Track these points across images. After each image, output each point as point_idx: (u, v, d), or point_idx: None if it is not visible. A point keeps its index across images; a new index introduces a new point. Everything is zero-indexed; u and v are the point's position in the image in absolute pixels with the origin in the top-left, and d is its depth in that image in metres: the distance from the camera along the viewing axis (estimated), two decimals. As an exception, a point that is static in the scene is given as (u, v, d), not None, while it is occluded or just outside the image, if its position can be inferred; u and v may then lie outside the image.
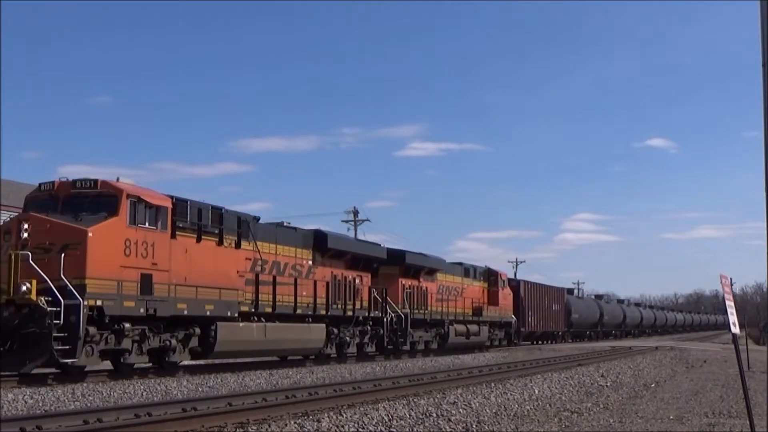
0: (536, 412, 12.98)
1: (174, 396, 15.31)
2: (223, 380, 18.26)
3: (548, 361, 28.58)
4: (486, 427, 11.08)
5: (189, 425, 10.38)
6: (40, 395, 13.98)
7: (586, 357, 31.85)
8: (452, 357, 32.41)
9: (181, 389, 16.39)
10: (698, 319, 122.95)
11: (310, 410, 12.21)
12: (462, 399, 13.63)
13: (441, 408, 12.35)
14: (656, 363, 27.38)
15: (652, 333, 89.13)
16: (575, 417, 12.33)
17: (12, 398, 13.41)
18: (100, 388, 15.52)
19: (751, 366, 22.92)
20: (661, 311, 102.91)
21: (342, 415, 11.27)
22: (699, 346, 47.40)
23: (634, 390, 17.16)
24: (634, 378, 20.55)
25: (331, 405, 12.88)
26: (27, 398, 13.60)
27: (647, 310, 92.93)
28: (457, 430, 10.77)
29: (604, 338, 67.16)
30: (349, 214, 58.13)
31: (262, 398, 13.69)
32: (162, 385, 16.69)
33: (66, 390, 14.91)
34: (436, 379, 19.11)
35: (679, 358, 31.55)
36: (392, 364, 25.89)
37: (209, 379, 18.40)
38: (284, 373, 20.87)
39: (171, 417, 10.97)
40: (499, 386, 16.32)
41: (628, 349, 40.93)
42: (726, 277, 9.44)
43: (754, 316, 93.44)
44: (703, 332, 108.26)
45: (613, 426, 11.30)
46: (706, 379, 20.52)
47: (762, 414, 11.02)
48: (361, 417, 11.11)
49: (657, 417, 12.28)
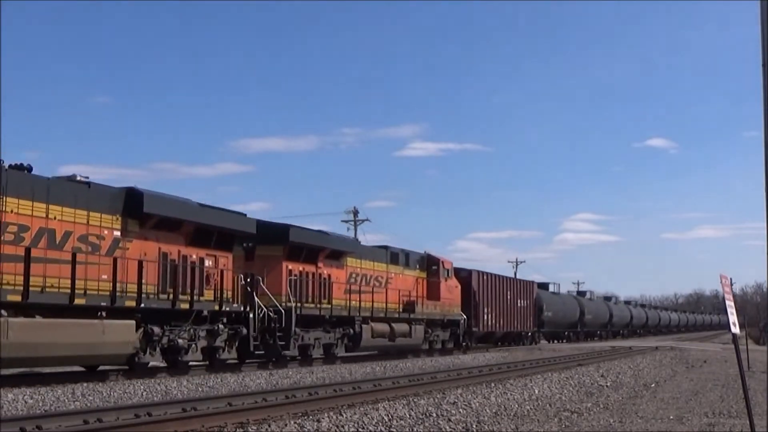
0: (536, 412, 12.98)
1: (174, 396, 15.31)
2: (223, 380, 18.27)
3: (548, 361, 28.59)
4: (486, 427, 11.08)
5: (189, 425, 10.39)
6: (40, 395, 13.99)
7: (586, 357, 31.85)
8: (452, 357, 32.29)
9: (181, 389, 16.41)
10: (697, 319, 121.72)
11: (310, 410, 12.21)
12: (462, 399, 13.63)
13: (441, 408, 12.35)
14: (656, 363, 27.38)
15: (644, 334, 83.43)
16: (575, 417, 12.33)
17: (12, 398, 13.41)
18: (100, 388, 15.54)
19: (751, 366, 22.92)
20: (653, 310, 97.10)
21: (342, 415, 11.27)
22: (699, 346, 47.40)
23: (634, 390, 17.16)
24: (634, 378, 20.55)
25: (331, 405, 12.88)
26: (27, 398, 13.60)
27: (638, 309, 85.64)
28: (457, 430, 10.77)
29: (586, 340, 60.78)
30: (349, 214, 58.12)
31: (262, 398, 13.71)
32: (162, 385, 16.70)
33: (66, 390, 14.91)
34: (436, 379, 19.12)
35: (679, 358, 31.55)
36: (392, 364, 25.84)
37: (209, 379, 18.42)
38: (284, 373, 20.91)
39: (171, 417, 10.98)
40: (499, 386, 16.32)
41: (628, 349, 40.90)
42: (726, 277, 9.44)
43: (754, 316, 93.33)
44: (703, 332, 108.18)
45: (613, 426, 11.30)
46: (706, 379, 20.52)
47: (762, 414, 11.02)
48: (361, 417, 11.12)
49: (657, 417, 12.28)
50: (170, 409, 11.97)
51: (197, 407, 11.97)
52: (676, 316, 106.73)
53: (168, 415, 11.28)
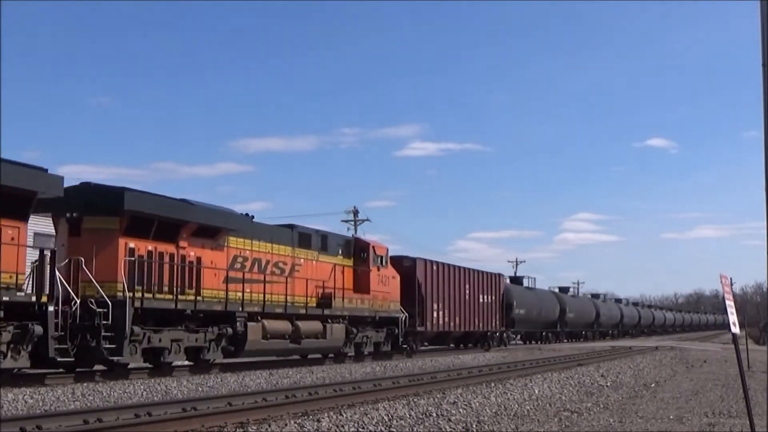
0: (536, 412, 12.98)
1: (174, 396, 15.32)
2: (223, 380, 18.28)
3: (548, 361, 28.59)
4: (486, 427, 11.08)
5: (189, 425, 10.39)
6: (40, 395, 13.99)
7: (585, 357, 31.86)
8: (452, 356, 32.10)
9: (181, 389, 16.42)
10: (695, 319, 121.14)
11: (310, 410, 12.22)
12: (462, 399, 13.63)
13: (441, 408, 12.35)
14: (656, 363, 27.37)
15: (637, 334, 78.50)
16: (575, 417, 12.33)
17: (12, 398, 13.41)
18: (100, 388, 15.54)
19: (751, 366, 22.92)
20: (647, 309, 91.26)
21: (342, 414, 11.27)
22: (699, 346, 47.40)
23: (634, 390, 17.16)
24: (634, 378, 20.54)
25: (331, 405, 12.89)
26: (27, 398, 13.61)
27: (630, 308, 79.18)
28: (457, 430, 10.76)
29: (570, 341, 56.41)
30: (349, 214, 58.14)
31: (262, 398, 13.71)
32: (162, 384, 16.71)
33: (66, 390, 14.92)
34: (436, 379, 19.12)
35: (679, 358, 31.54)
36: (392, 364, 25.68)
37: (209, 379, 18.43)
38: (284, 373, 20.90)
39: (171, 417, 10.98)
40: (499, 386, 16.32)
41: (628, 349, 40.90)
42: (726, 277, 9.43)
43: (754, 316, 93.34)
44: (703, 332, 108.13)
45: (613, 426, 11.29)
46: (706, 379, 20.51)
47: (762, 414, 11.02)
48: (361, 417, 11.12)
49: (657, 417, 12.27)
50: (170, 409, 11.98)
51: (197, 407, 11.97)
52: (671, 315, 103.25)
53: (168, 415, 11.29)
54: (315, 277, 25.11)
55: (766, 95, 6.94)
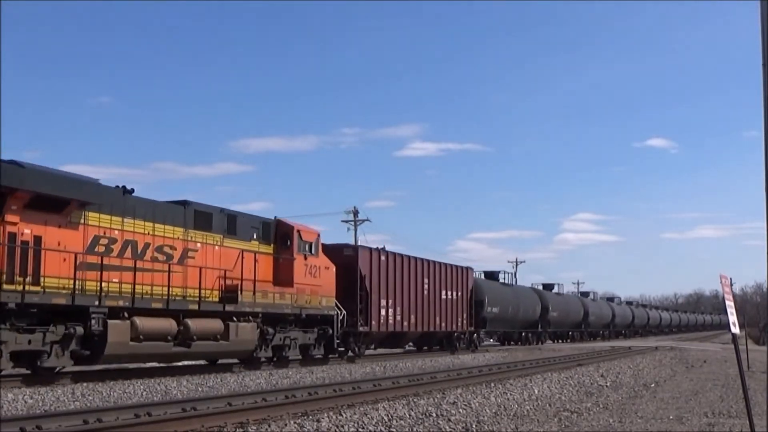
0: (536, 412, 12.98)
1: (174, 396, 15.33)
2: (222, 380, 18.29)
3: (548, 361, 28.58)
4: (486, 427, 11.07)
5: (189, 425, 10.39)
6: (40, 395, 13.99)
7: (585, 357, 31.85)
8: (452, 356, 32.11)
9: (181, 389, 16.42)
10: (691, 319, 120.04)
11: (310, 410, 12.22)
12: (462, 399, 13.63)
13: (441, 408, 12.35)
14: (656, 363, 27.37)
15: (631, 335, 75.11)
16: (575, 417, 12.33)
17: (12, 398, 13.42)
18: (100, 388, 15.55)
19: (751, 366, 22.91)
20: (641, 308, 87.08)
21: (342, 415, 11.27)
22: (699, 346, 47.40)
23: (634, 390, 17.16)
24: (633, 378, 20.54)
25: (330, 405, 12.88)
26: (27, 398, 13.61)
27: (622, 307, 75.21)
28: (457, 430, 10.76)
29: (554, 341, 52.66)
30: (349, 214, 58.09)
31: (261, 398, 13.70)
32: (162, 384, 16.72)
33: (66, 390, 14.92)
34: (436, 379, 19.11)
35: (678, 358, 31.54)
36: (392, 364, 25.70)
37: (209, 379, 18.43)
38: (284, 373, 20.91)
39: (171, 417, 10.98)
40: (499, 386, 16.32)
41: (628, 349, 40.91)
42: (726, 277, 9.44)
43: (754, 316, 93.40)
44: (702, 332, 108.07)
45: (613, 426, 11.29)
46: (706, 379, 20.51)
47: (762, 414, 11.01)
48: (361, 417, 11.12)
49: (657, 417, 12.27)
50: (170, 409, 11.97)
51: (197, 407, 11.97)
52: (668, 315, 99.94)
53: (168, 415, 11.28)
54: (216, 265, 20.46)
55: (766, 95, 6.94)
